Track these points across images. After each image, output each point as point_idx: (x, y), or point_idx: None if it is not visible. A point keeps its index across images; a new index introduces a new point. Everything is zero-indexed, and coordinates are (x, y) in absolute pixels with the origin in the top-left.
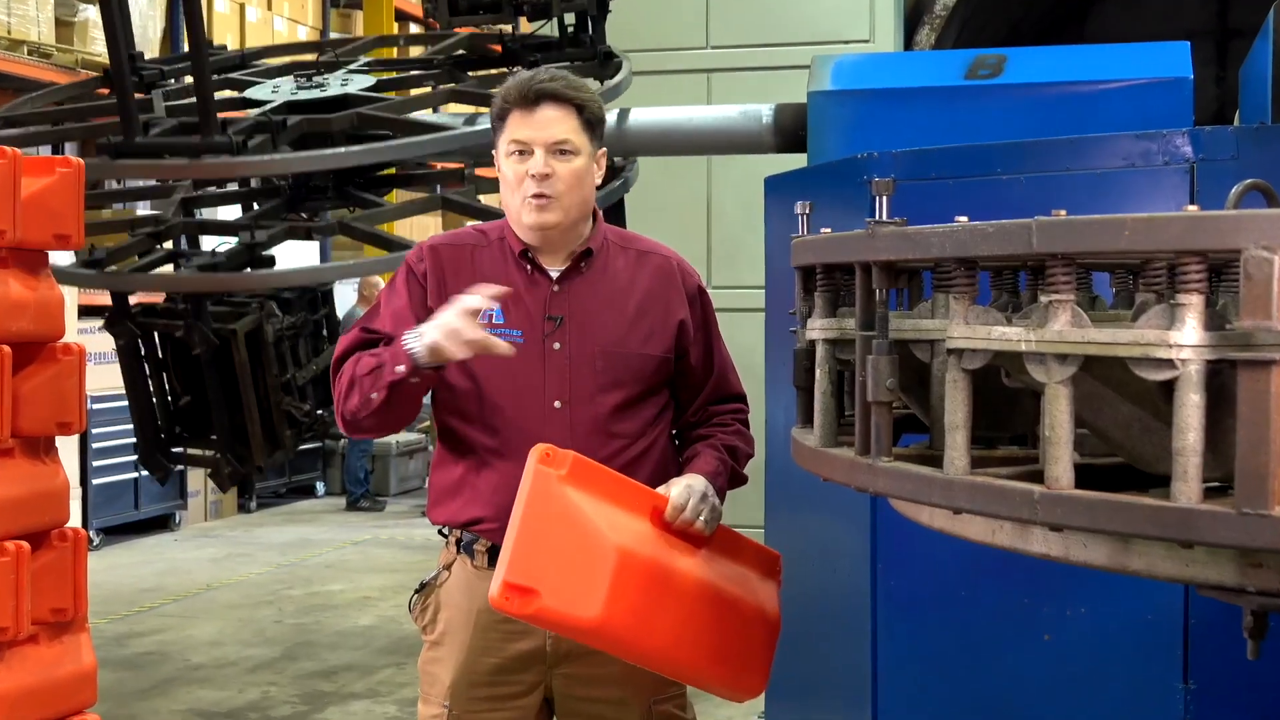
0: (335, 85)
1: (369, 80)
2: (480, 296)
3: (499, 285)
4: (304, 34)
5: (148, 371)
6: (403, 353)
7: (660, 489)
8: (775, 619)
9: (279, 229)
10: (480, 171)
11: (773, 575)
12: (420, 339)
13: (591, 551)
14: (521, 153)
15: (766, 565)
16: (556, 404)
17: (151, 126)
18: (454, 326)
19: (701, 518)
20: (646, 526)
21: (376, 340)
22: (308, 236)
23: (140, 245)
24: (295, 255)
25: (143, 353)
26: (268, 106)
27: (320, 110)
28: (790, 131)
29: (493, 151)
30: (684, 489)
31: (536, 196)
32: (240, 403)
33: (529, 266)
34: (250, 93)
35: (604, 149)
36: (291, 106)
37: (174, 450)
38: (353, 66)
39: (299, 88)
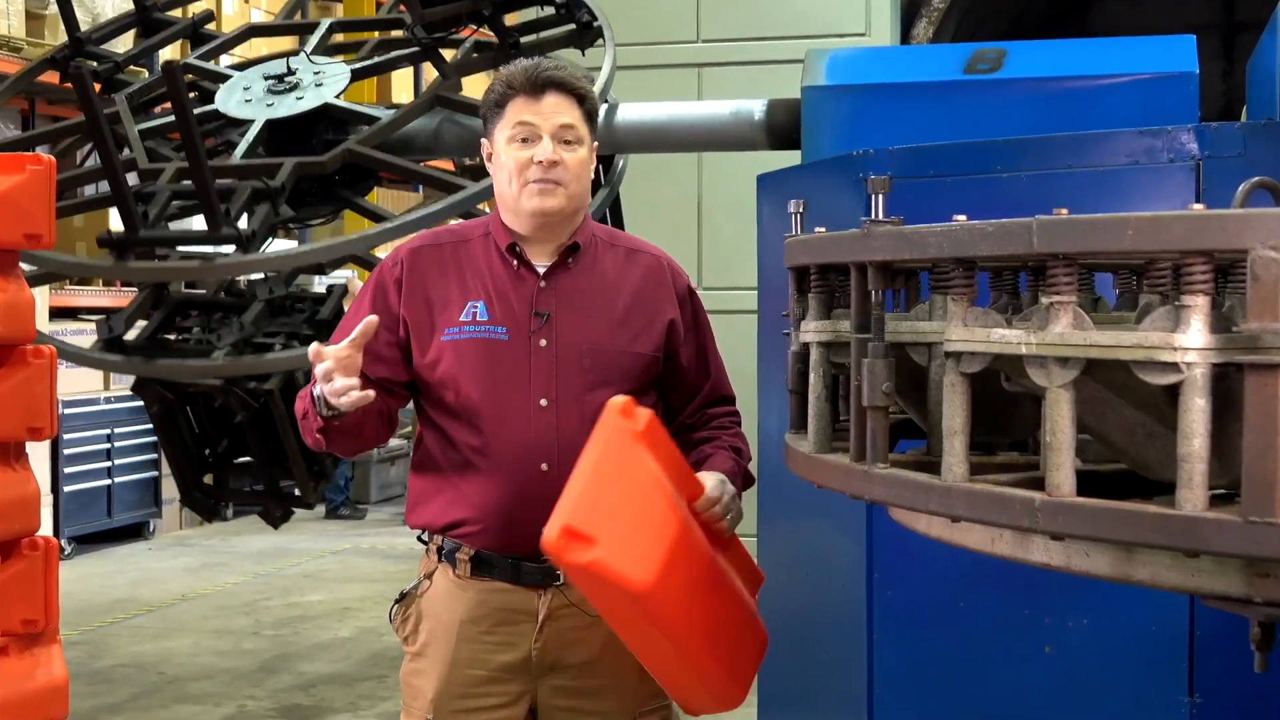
0: (309, 83)
1: (343, 72)
2: (334, 348)
3: (486, 281)
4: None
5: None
6: (313, 402)
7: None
8: (765, 634)
9: (290, 272)
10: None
11: (754, 594)
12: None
13: (654, 515)
14: (525, 140)
15: (751, 583)
16: (543, 402)
17: (146, 199)
18: (320, 391)
19: (729, 515)
20: (686, 508)
21: None
22: (320, 272)
23: (149, 301)
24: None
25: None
26: (248, 137)
27: (300, 125)
28: (783, 128)
29: (482, 140)
30: (719, 483)
31: (541, 181)
32: (282, 448)
33: (515, 262)
34: (220, 102)
35: (596, 143)
36: (271, 127)
37: (217, 488)
38: (315, 38)
39: (270, 90)
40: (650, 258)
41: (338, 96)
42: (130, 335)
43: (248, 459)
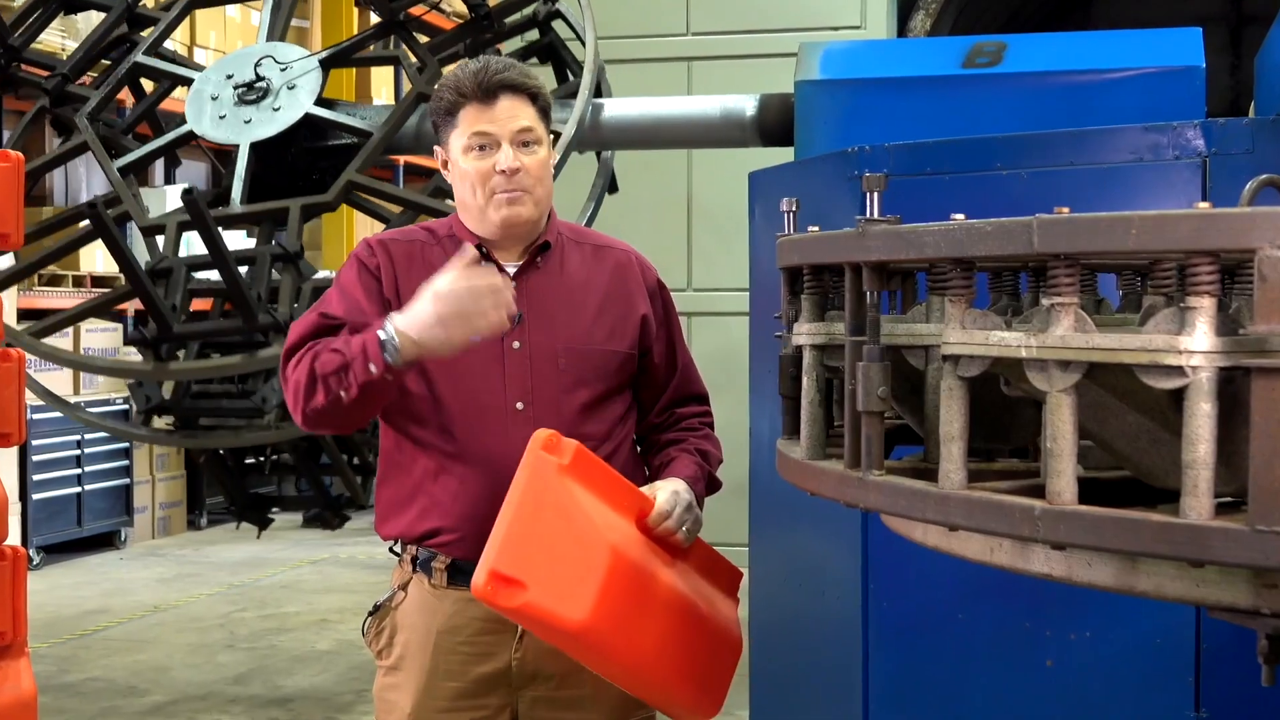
0: (279, 85)
1: (312, 66)
2: (466, 260)
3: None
4: (256, 19)
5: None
6: (375, 350)
7: (645, 490)
8: (738, 640)
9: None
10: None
11: (732, 593)
12: (394, 333)
13: (585, 549)
14: (483, 147)
15: (728, 582)
16: (519, 405)
17: (164, 276)
18: (462, 306)
19: (685, 528)
20: (633, 529)
21: (334, 327)
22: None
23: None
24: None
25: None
26: (240, 174)
27: (281, 144)
28: (776, 124)
29: (435, 147)
30: (671, 495)
31: (508, 191)
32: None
33: (484, 263)
34: (193, 121)
35: (552, 135)
36: (256, 150)
37: (269, 498)
38: (266, 14)
39: (240, 99)
40: (619, 253)
41: (315, 100)
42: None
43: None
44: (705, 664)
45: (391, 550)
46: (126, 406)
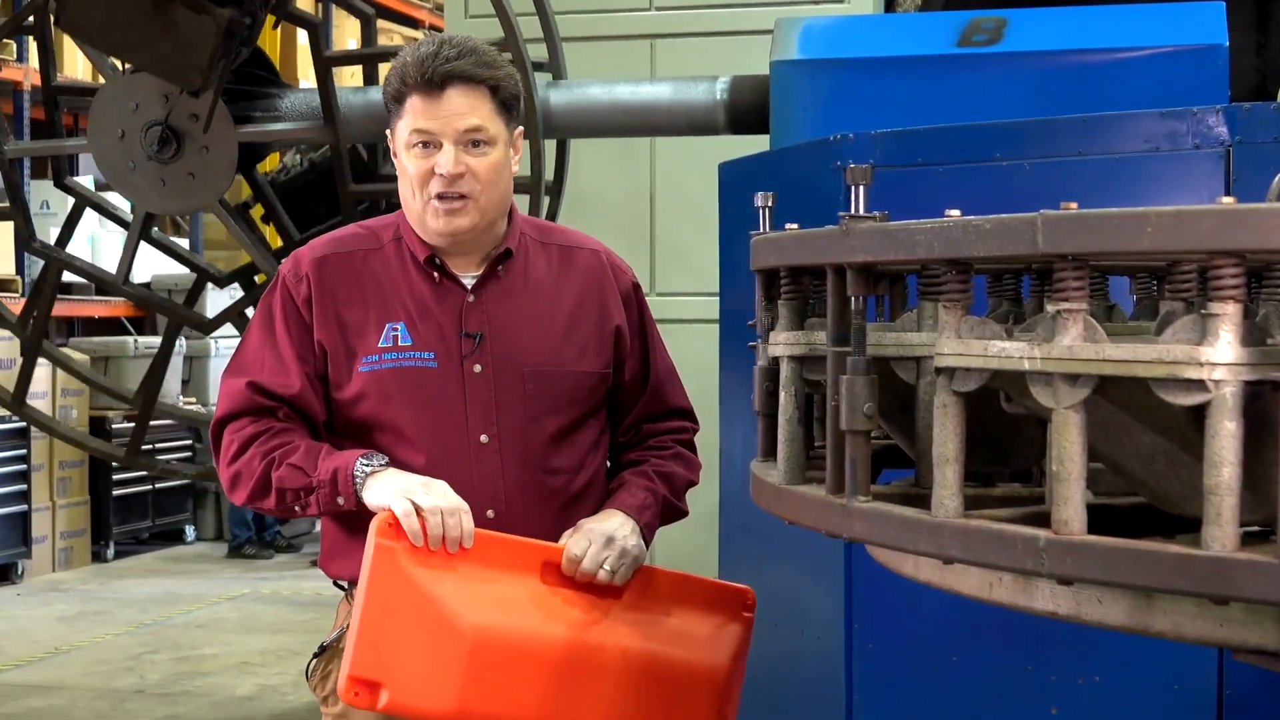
0: (184, 123)
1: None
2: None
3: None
4: None
5: None
6: (349, 486)
7: (566, 535)
8: (724, 676)
9: None
10: None
11: (738, 617)
12: (376, 480)
13: (441, 636)
14: (426, 144)
15: (730, 606)
16: (483, 438)
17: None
18: (444, 520)
19: (605, 566)
20: (530, 590)
21: (270, 406)
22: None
23: None
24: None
25: None
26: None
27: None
28: (749, 109)
29: (387, 132)
30: (582, 536)
31: (444, 198)
32: None
33: (437, 274)
34: (132, 199)
35: (520, 128)
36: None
37: None
38: None
39: (163, 161)
40: (589, 254)
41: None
42: None
43: None
44: (664, 709)
45: (336, 584)
46: (24, 425)
